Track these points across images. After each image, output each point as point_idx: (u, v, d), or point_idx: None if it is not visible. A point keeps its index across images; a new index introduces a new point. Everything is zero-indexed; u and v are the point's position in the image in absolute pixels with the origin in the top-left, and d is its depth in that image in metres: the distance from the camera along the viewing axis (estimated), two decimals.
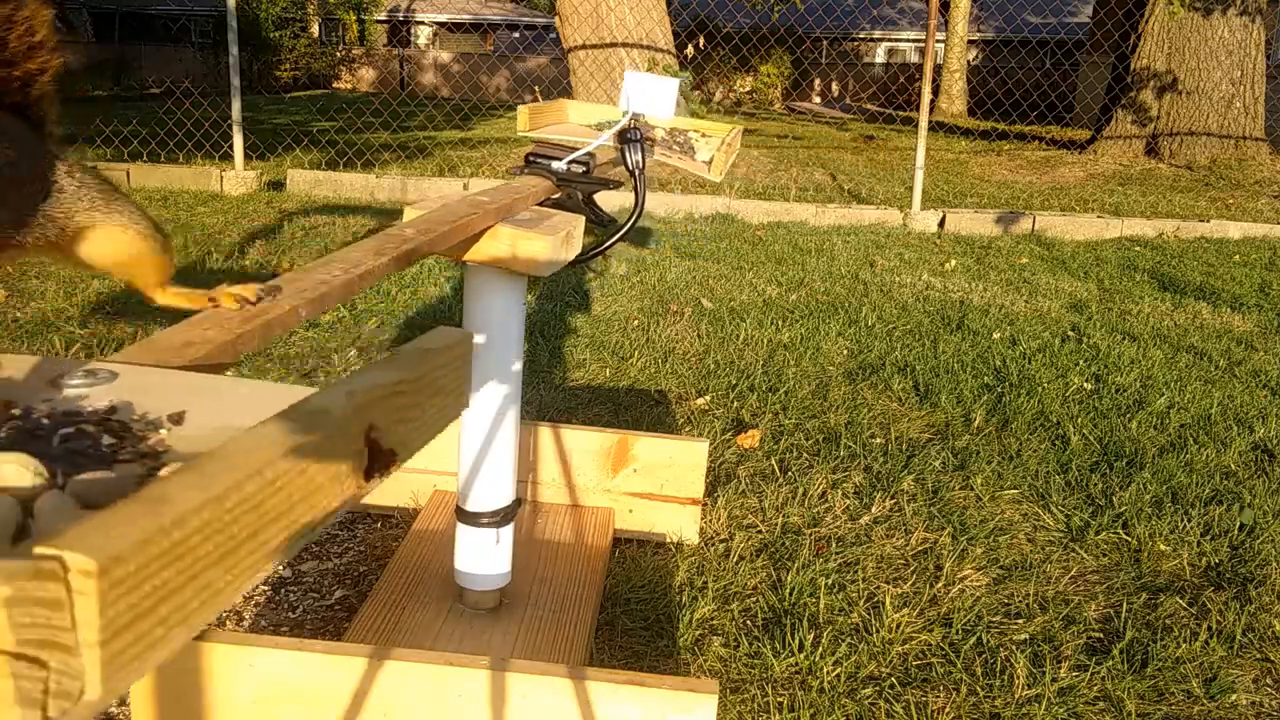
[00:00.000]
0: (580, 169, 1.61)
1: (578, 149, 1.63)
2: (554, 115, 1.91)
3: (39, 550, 0.34)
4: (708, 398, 2.95)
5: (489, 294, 1.56)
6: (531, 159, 1.65)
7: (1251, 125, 9.18)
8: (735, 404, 2.91)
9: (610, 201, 5.50)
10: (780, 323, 3.80)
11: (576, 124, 1.90)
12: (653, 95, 1.64)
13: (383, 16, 23.82)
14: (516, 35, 21.97)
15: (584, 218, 1.57)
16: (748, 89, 20.44)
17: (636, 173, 1.68)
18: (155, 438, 0.58)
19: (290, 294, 0.92)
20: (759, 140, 10.86)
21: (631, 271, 4.56)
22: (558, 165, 1.61)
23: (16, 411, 0.60)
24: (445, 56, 21.59)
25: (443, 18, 23.26)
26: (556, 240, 1.44)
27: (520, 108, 1.75)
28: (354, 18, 23.13)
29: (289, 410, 0.51)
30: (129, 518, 0.38)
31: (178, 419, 0.61)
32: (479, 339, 1.59)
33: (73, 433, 0.57)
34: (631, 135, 1.68)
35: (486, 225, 1.40)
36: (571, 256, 1.52)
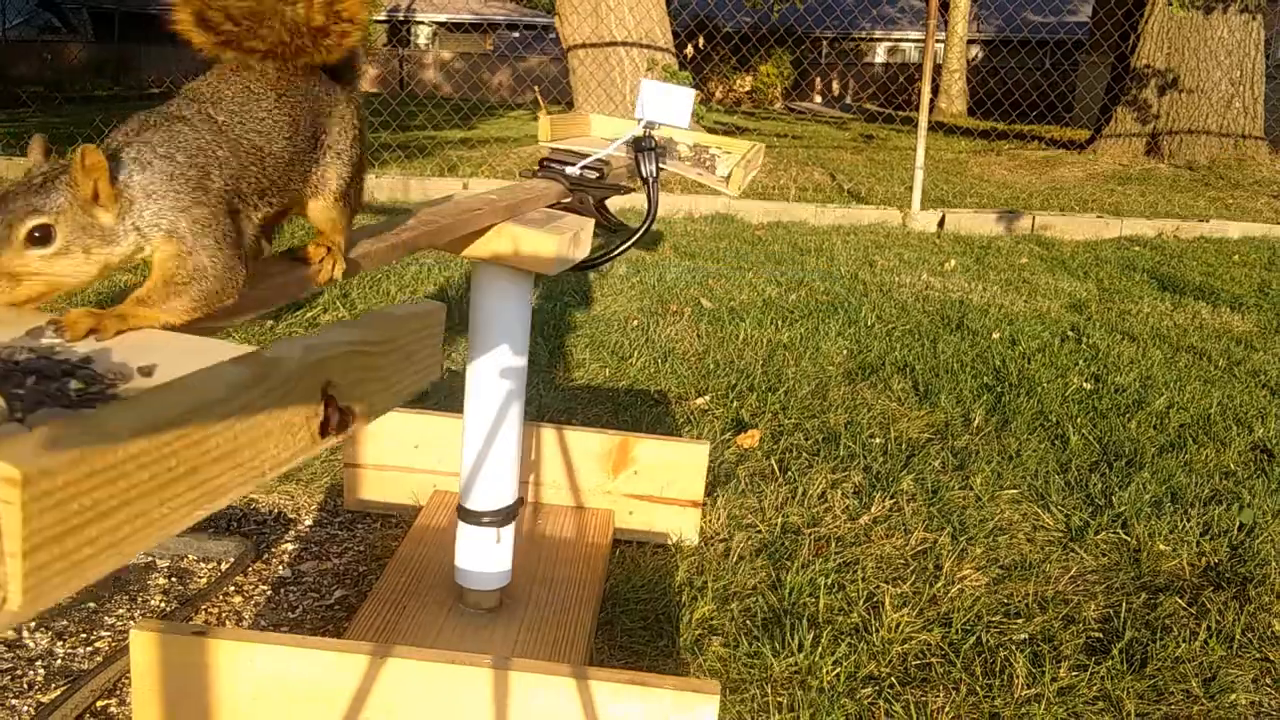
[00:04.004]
0: (594, 174, 1.62)
1: (590, 154, 1.64)
2: (577, 128, 1.92)
3: None
4: (707, 398, 2.95)
5: (496, 291, 1.56)
6: (546, 163, 1.66)
7: (1251, 125, 9.18)
8: (735, 404, 2.91)
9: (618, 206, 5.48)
10: (780, 322, 3.81)
11: (598, 136, 1.91)
12: (669, 104, 1.65)
13: (382, 16, 23.80)
14: (516, 35, 21.96)
15: (593, 221, 1.58)
16: (748, 88, 20.43)
17: (650, 181, 1.68)
18: (124, 386, 0.61)
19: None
20: (758, 140, 10.87)
21: (631, 271, 4.57)
22: (571, 170, 1.62)
23: None
24: (445, 55, 21.60)
25: (442, 17, 23.25)
26: (564, 239, 1.45)
27: (542, 118, 1.76)
28: None
29: (244, 356, 0.53)
30: (63, 436, 0.38)
31: (148, 371, 0.64)
32: (484, 336, 1.59)
33: (40, 376, 0.60)
34: (646, 144, 1.68)
35: (493, 222, 1.40)
36: (579, 257, 1.53)
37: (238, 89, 0.92)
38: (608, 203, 1.66)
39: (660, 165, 1.74)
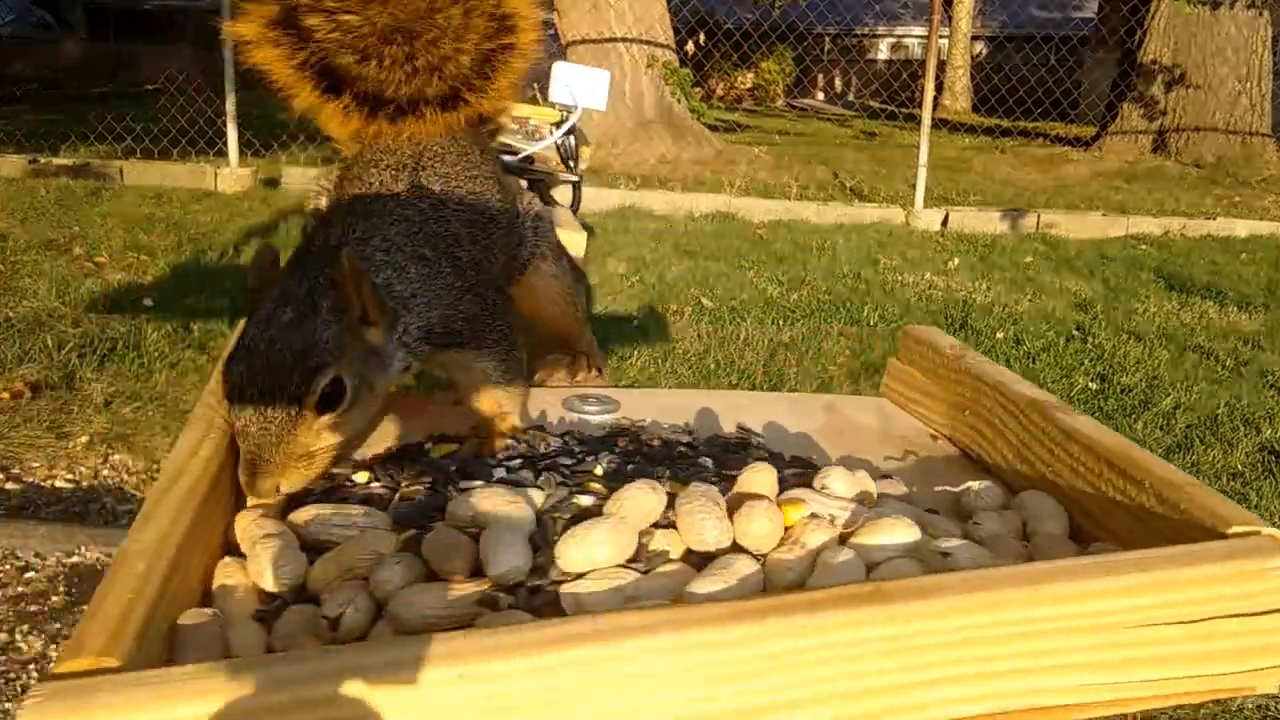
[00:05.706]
0: (529, 164, 1.61)
1: (519, 147, 1.62)
2: None
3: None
4: None
5: None
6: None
7: (1258, 122, 9.11)
8: None
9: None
10: (781, 322, 3.76)
11: None
12: (585, 86, 1.62)
13: None
14: None
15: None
16: (749, 85, 20.37)
17: (572, 162, 1.66)
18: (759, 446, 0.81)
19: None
20: (760, 138, 10.81)
21: (631, 271, 4.52)
22: (510, 160, 1.60)
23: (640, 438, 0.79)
24: None
25: None
26: (586, 235, 1.43)
27: None
28: None
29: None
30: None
31: (690, 430, 0.79)
32: None
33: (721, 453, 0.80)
34: (568, 126, 1.66)
35: None
36: None
37: (455, 150, 0.74)
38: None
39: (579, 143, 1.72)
